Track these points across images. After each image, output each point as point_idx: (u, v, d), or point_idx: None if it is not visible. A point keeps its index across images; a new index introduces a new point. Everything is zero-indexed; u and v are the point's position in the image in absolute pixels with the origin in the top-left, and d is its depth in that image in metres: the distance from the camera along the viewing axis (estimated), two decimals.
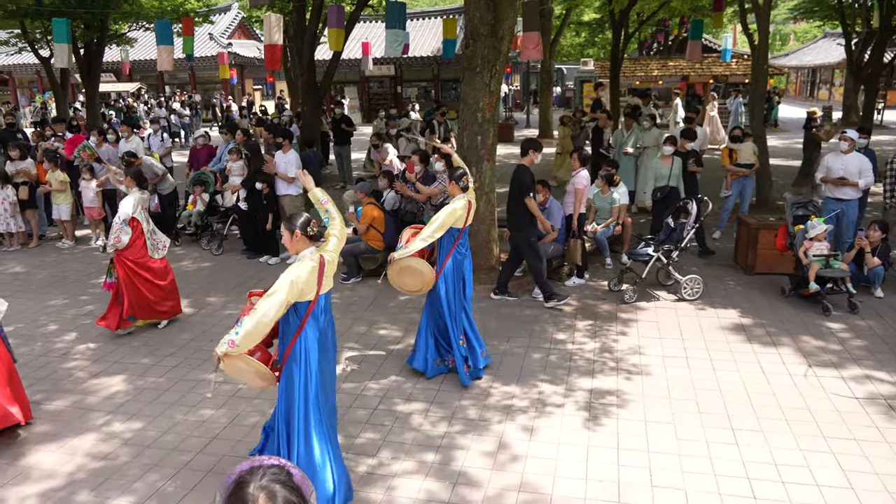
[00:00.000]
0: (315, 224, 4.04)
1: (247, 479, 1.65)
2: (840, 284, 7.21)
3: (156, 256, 7.08)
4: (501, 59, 7.93)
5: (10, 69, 33.91)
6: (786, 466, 4.47)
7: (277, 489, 1.63)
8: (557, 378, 5.81)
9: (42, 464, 4.70)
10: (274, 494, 1.61)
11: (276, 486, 1.63)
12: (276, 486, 1.63)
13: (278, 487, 1.63)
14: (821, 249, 7.24)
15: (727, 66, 23.98)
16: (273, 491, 1.62)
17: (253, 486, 1.62)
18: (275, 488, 1.63)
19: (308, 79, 14.81)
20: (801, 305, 7.30)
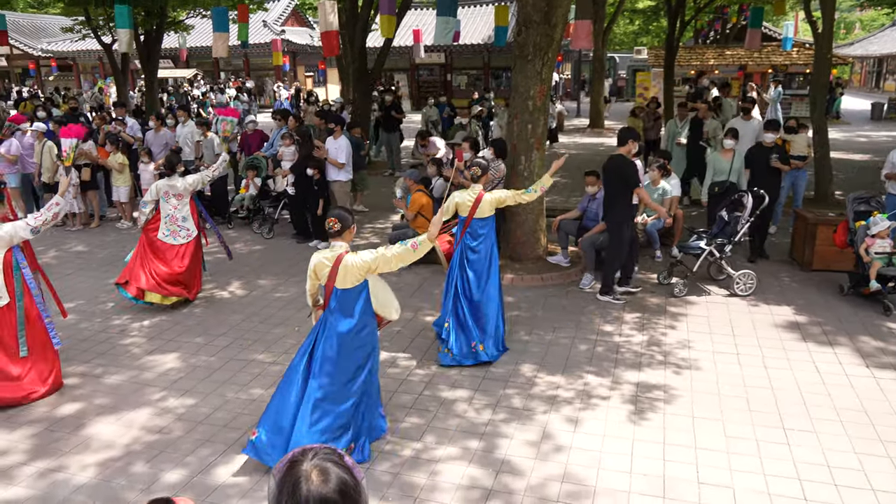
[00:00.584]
0: (332, 220, 4.37)
1: (299, 458, 1.68)
2: None
3: (171, 242, 7.33)
4: (554, 47, 7.84)
5: (74, 55, 35.09)
6: (839, 469, 4.34)
7: (330, 466, 1.65)
8: (603, 370, 5.76)
9: (101, 435, 4.90)
10: (327, 471, 1.63)
11: (328, 464, 1.65)
12: (329, 464, 1.65)
13: (330, 465, 1.65)
14: (883, 247, 6.96)
15: (787, 56, 23.21)
16: (325, 468, 1.64)
17: (306, 464, 1.65)
18: (327, 465, 1.65)
19: (359, 66, 14.91)
20: (861, 304, 7.05)
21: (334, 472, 1.64)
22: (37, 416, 5.18)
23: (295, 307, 7.33)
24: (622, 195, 7.02)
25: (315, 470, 1.64)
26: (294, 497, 1.61)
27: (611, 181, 7.08)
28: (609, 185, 7.13)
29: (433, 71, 32.73)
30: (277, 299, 7.60)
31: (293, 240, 9.97)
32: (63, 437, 4.88)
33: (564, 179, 14.33)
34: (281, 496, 1.63)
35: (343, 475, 1.64)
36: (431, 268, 8.42)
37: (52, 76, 36.68)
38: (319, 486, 1.61)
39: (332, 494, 1.60)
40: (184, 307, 7.38)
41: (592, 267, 7.84)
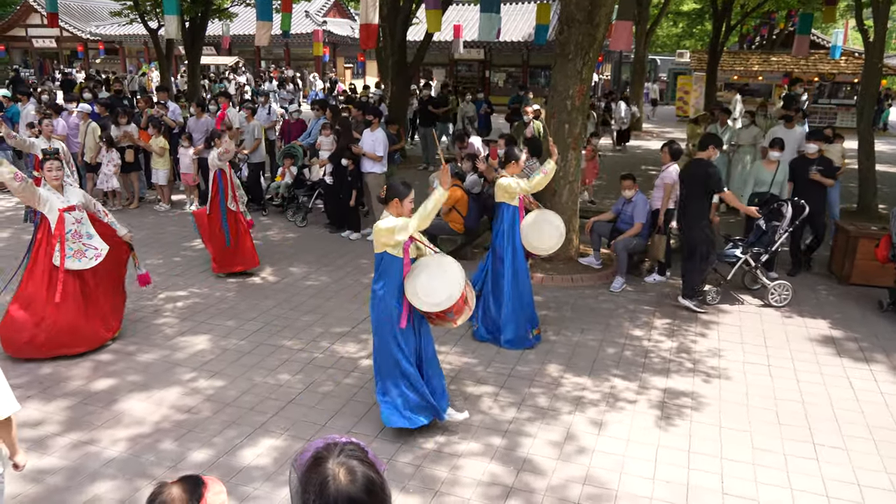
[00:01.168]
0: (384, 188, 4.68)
1: (324, 455, 1.67)
2: None
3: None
4: (595, 47, 7.77)
5: (121, 39, 35.82)
6: (870, 489, 4.24)
7: (356, 465, 1.64)
8: (631, 374, 5.71)
9: (132, 411, 5.01)
10: (353, 470, 1.63)
11: (354, 462, 1.65)
12: (355, 462, 1.65)
13: (356, 463, 1.65)
14: None
15: (835, 64, 22.65)
16: (352, 467, 1.63)
17: (332, 462, 1.64)
18: (353, 464, 1.64)
19: (399, 59, 14.96)
20: None
21: (360, 471, 1.64)
22: (71, 390, 5.32)
23: (325, 296, 7.40)
24: (703, 199, 6.99)
25: (342, 469, 1.63)
26: (322, 497, 1.60)
27: (692, 186, 7.02)
28: (690, 189, 7.05)
29: (472, 67, 32.66)
30: (308, 287, 7.68)
31: (325, 229, 10.06)
32: (96, 411, 5.01)
33: (599, 181, 14.18)
34: (307, 495, 1.63)
35: (369, 473, 1.64)
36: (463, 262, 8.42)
37: (99, 59, 37.53)
38: (348, 485, 1.60)
39: (360, 494, 1.60)
40: (217, 291, 7.50)
41: (625, 270, 7.77)
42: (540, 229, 6.16)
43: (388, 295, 4.48)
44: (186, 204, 11.30)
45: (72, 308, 5.76)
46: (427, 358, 4.70)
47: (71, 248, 5.76)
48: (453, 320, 4.54)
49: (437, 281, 4.40)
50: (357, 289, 7.63)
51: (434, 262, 4.52)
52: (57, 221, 5.69)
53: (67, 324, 5.73)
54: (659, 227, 7.85)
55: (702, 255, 7.02)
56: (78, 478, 4.22)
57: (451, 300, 4.34)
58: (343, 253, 8.98)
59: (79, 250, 5.80)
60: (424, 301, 4.39)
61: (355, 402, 5.18)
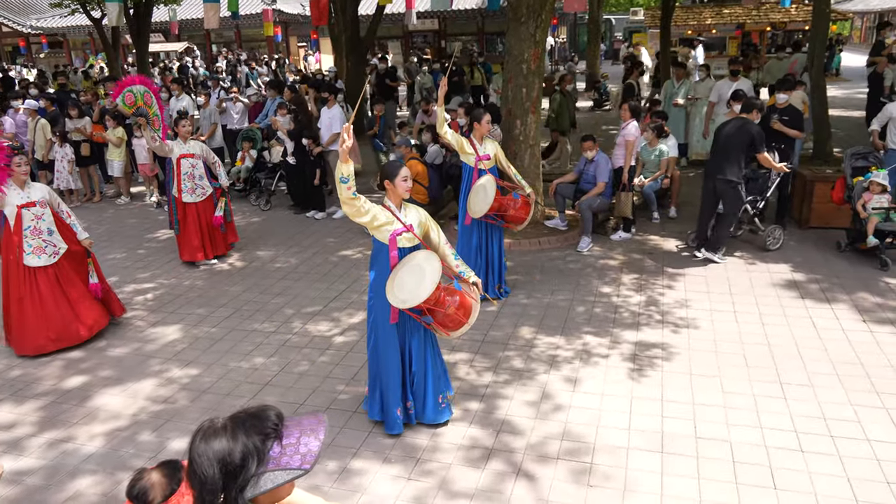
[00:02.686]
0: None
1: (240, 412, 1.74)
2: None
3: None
4: (547, 8, 7.75)
5: (65, 31, 34.62)
6: (835, 421, 4.41)
7: (218, 428, 1.70)
8: (602, 330, 5.81)
9: (108, 406, 4.97)
10: (211, 429, 1.70)
11: (221, 424, 1.71)
12: (219, 425, 1.70)
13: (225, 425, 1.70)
14: (881, 202, 6.97)
15: (786, 13, 22.85)
16: (213, 427, 1.70)
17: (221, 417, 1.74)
18: (218, 426, 1.70)
19: (352, 34, 14.74)
20: (858, 260, 7.08)
21: (215, 438, 1.67)
22: (43, 390, 5.24)
23: (294, 277, 7.37)
24: (741, 157, 7.00)
25: (208, 424, 1.72)
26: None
27: (731, 143, 7.00)
28: (728, 146, 7.02)
29: (427, 37, 32.31)
30: (277, 269, 7.63)
31: (290, 210, 9.97)
32: (70, 408, 4.95)
33: None
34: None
35: (214, 446, 1.65)
36: None
37: (43, 53, 36.25)
38: (197, 439, 1.68)
39: (194, 453, 1.66)
40: (185, 280, 7.41)
41: (590, 229, 7.85)
42: (476, 194, 6.07)
43: (375, 282, 4.23)
44: (146, 195, 11.08)
45: (37, 305, 5.70)
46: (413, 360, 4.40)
47: (30, 244, 5.65)
48: (445, 332, 4.18)
49: (410, 277, 4.08)
50: (326, 268, 7.60)
51: (422, 257, 4.16)
52: (15, 218, 5.58)
53: (35, 321, 5.66)
54: (623, 185, 7.94)
55: (733, 213, 7.12)
56: (57, 476, 4.19)
57: (416, 300, 3.96)
58: (309, 233, 8.92)
59: (38, 247, 5.69)
60: (395, 294, 4.07)
61: (331, 380, 5.20)
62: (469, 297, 4.13)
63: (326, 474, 4.05)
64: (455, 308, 4.05)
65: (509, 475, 4.03)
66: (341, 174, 3.80)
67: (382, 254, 4.19)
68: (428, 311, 4.08)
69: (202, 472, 1.63)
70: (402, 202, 4.24)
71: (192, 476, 1.66)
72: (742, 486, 3.85)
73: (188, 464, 1.67)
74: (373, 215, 4.05)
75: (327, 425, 1.79)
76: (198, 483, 1.64)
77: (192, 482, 1.66)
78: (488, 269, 6.41)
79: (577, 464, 4.10)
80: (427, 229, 4.30)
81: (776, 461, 4.04)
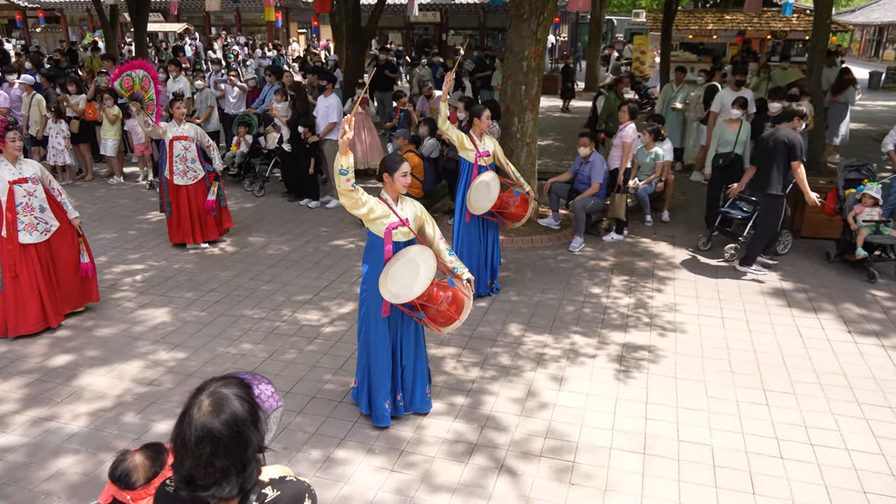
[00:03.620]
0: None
1: (204, 386, 1.72)
2: (889, 252, 7.02)
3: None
4: (550, 7, 7.74)
5: (62, 6, 34.30)
6: (816, 429, 4.46)
7: (225, 397, 1.66)
8: (590, 330, 5.84)
9: (93, 386, 4.95)
10: (220, 402, 1.65)
11: (225, 394, 1.67)
12: (226, 394, 1.67)
13: (227, 396, 1.67)
14: (871, 215, 7.03)
15: (787, 22, 22.90)
16: (220, 399, 1.66)
17: (205, 392, 1.68)
18: (222, 396, 1.66)
19: (353, 23, 14.68)
20: (847, 272, 7.13)
21: (228, 405, 1.65)
22: (28, 367, 5.22)
23: (285, 265, 7.35)
24: (783, 168, 6.81)
25: (209, 399, 1.65)
26: (181, 424, 1.64)
27: (774, 153, 6.81)
28: (771, 156, 6.85)
29: (428, 30, 32.21)
30: (268, 256, 7.62)
31: (283, 198, 9.95)
32: (55, 387, 4.94)
33: (557, 143, 14.29)
34: (177, 421, 1.67)
35: (236, 408, 1.65)
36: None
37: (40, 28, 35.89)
38: (206, 416, 1.63)
39: (217, 426, 1.62)
40: (175, 263, 7.39)
41: (583, 230, 7.88)
42: (478, 190, 6.08)
43: (369, 275, 4.20)
44: (139, 176, 11.02)
45: (32, 282, 5.67)
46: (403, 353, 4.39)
47: (22, 221, 5.61)
48: (435, 327, 4.18)
49: (404, 272, 4.04)
50: (318, 257, 7.60)
51: (416, 252, 4.11)
52: (7, 194, 5.54)
53: (21, 301, 5.63)
54: (618, 186, 7.96)
55: (773, 227, 6.97)
56: (40, 454, 4.18)
57: (410, 296, 3.94)
58: (302, 221, 8.91)
59: (30, 223, 5.65)
60: (387, 288, 4.02)
61: (318, 369, 5.20)
62: (462, 294, 4.13)
63: (310, 463, 4.07)
64: (448, 304, 4.04)
65: (492, 470, 4.05)
66: (341, 166, 3.79)
67: (377, 247, 4.16)
68: (420, 307, 4.07)
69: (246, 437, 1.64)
70: (399, 196, 4.23)
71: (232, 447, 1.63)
72: (721, 491, 3.89)
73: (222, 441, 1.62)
74: (369, 208, 4.04)
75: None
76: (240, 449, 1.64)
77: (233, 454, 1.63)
78: (483, 265, 6.44)
79: (560, 462, 4.13)
80: (422, 223, 4.30)
81: (756, 467, 4.08)
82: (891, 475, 4.02)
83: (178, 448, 1.66)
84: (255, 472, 1.70)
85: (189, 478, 1.65)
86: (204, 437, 1.61)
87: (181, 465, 1.65)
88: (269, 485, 1.76)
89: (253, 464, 1.69)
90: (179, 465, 1.66)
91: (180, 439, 1.64)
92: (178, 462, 1.67)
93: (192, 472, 1.63)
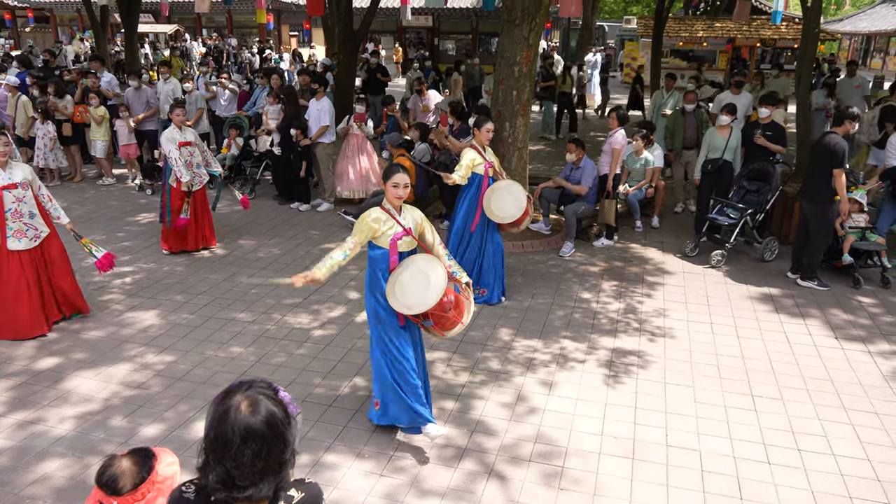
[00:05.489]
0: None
1: (234, 389, 1.74)
2: (874, 258, 7.09)
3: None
4: (542, 12, 7.77)
5: (52, 6, 34.11)
6: (803, 435, 4.49)
7: (261, 398, 1.70)
8: (580, 335, 5.86)
9: (80, 389, 4.92)
10: (257, 403, 1.68)
11: (259, 396, 1.70)
12: (260, 397, 1.70)
13: (262, 398, 1.70)
14: (858, 221, 7.10)
15: (776, 30, 23.12)
16: (256, 399, 1.69)
17: (238, 395, 1.70)
18: (258, 397, 1.70)
19: (345, 26, 14.68)
20: (833, 278, 7.19)
21: (264, 404, 1.69)
22: (15, 370, 5.18)
23: (275, 268, 7.33)
24: (827, 172, 6.71)
25: (246, 401, 1.69)
26: (222, 425, 1.65)
27: (819, 157, 6.80)
28: (816, 160, 6.85)
29: (421, 34, 32.27)
30: (258, 259, 7.59)
31: (274, 201, 9.92)
32: (41, 390, 4.90)
33: (548, 148, 14.33)
34: (212, 423, 1.68)
35: (272, 408, 1.69)
36: None
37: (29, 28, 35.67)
38: (247, 416, 1.66)
39: (259, 425, 1.65)
40: (165, 266, 7.35)
41: (573, 235, 7.91)
42: (500, 198, 6.18)
43: (372, 285, 4.19)
44: (128, 178, 10.96)
45: (21, 290, 5.58)
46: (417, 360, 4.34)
47: (11, 227, 5.52)
48: (441, 333, 4.11)
49: (413, 283, 4.01)
50: (308, 260, 7.58)
51: (422, 262, 4.09)
52: None
53: (16, 305, 5.56)
54: (607, 192, 7.99)
55: (824, 237, 6.89)
56: (25, 457, 4.14)
57: (424, 307, 3.92)
58: (293, 224, 8.89)
59: (19, 230, 5.55)
60: (398, 300, 4.00)
61: (308, 373, 5.19)
62: (463, 298, 4.11)
63: (298, 467, 4.05)
64: (453, 309, 4.01)
65: (481, 475, 4.05)
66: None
67: (382, 262, 4.11)
68: (430, 315, 4.01)
69: (285, 438, 1.68)
70: (400, 205, 4.17)
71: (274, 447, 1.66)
72: (709, 495, 3.90)
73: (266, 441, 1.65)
74: (370, 231, 4.04)
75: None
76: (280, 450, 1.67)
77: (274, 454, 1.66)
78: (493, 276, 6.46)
79: (549, 467, 4.13)
80: (422, 230, 4.25)
81: (743, 472, 4.11)
82: (876, 480, 4.06)
83: (216, 450, 1.66)
84: (287, 474, 1.74)
85: (229, 479, 1.66)
86: (249, 437, 1.63)
87: (218, 467, 1.66)
88: (293, 486, 1.80)
89: (287, 466, 1.72)
90: (215, 467, 1.67)
91: (221, 440, 1.65)
92: (216, 464, 1.67)
93: (232, 472, 1.65)
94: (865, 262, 7.12)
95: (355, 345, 5.64)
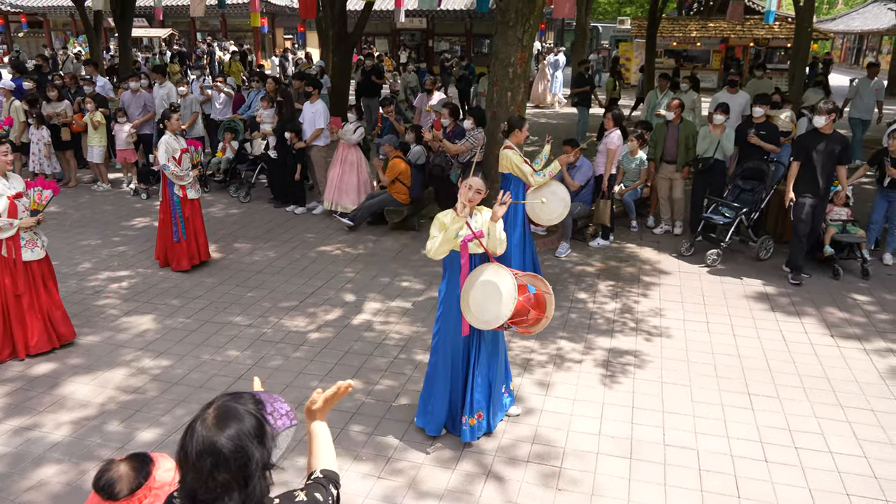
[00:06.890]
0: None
1: (215, 399, 1.70)
2: (855, 250, 7.19)
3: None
4: (536, 14, 7.78)
5: (45, 11, 34.03)
6: (799, 433, 4.50)
7: (234, 411, 1.64)
8: (577, 335, 5.86)
9: (76, 394, 4.90)
10: (226, 415, 1.63)
11: (234, 408, 1.65)
12: (235, 408, 1.65)
13: (238, 409, 1.65)
14: (840, 215, 7.22)
15: (769, 29, 23.20)
16: (227, 412, 1.64)
17: (213, 406, 1.67)
18: (230, 409, 1.64)
19: (338, 29, 14.68)
20: (814, 268, 7.24)
21: (234, 418, 1.62)
22: (10, 376, 5.16)
23: (271, 271, 7.32)
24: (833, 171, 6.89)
25: (215, 412, 1.63)
26: (185, 438, 1.62)
27: (828, 159, 6.88)
28: (826, 160, 6.90)
29: (415, 36, 32.29)
30: (254, 263, 7.58)
31: (269, 204, 9.91)
32: (37, 395, 4.88)
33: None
34: (183, 435, 1.65)
35: (242, 422, 1.63)
36: (411, 233, 8.45)
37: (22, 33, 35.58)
38: (209, 427, 1.61)
39: (217, 437, 1.59)
40: (160, 270, 7.33)
41: (570, 235, 7.92)
42: (550, 202, 6.20)
43: (447, 295, 4.20)
44: (124, 183, 10.94)
45: (34, 300, 5.44)
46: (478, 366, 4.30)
47: (23, 237, 5.36)
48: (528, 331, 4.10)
49: (485, 298, 3.91)
50: (304, 263, 7.57)
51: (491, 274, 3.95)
52: (8, 209, 5.24)
53: (32, 317, 5.42)
54: (603, 192, 8.00)
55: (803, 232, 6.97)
56: (21, 464, 4.13)
57: (499, 320, 3.86)
58: (288, 227, 8.88)
59: (30, 240, 5.39)
60: (476, 317, 3.96)
61: (305, 376, 5.18)
62: (542, 292, 4.03)
63: (296, 470, 4.04)
64: (532, 307, 3.94)
65: (479, 477, 4.05)
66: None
67: (454, 261, 4.09)
68: (512, 323, 3.95)
69: (247, 451, 1.61)
70: (473, 207, 4.09)
71: (233, 461, 1.59)
72: (707, 494, 3.91)
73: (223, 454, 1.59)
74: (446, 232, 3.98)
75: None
76: (242, 463, 1.60)
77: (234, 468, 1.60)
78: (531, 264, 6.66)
79: (547, 467, 4.13)
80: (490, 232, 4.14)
81: (741, 470, 4.11)
82: (873, 477, 4.07)
83: (181, 461, 1.63)
84: (259, 488, 1.67)
85: (192, 492, 1.62)
86: (205, 450, 1.59)
87: (184, 479, 1.64)
88: (273, 501, 1.74)
89: (256, 480, 1.65)
90: (183, 479, 1.64)
91: (183, 452, 1.62)
92: (182, 476, 1.65)
93: (193, 485, 1.61)
94: (847, 255, 7.22)
95: (352, 347, 5.64)
